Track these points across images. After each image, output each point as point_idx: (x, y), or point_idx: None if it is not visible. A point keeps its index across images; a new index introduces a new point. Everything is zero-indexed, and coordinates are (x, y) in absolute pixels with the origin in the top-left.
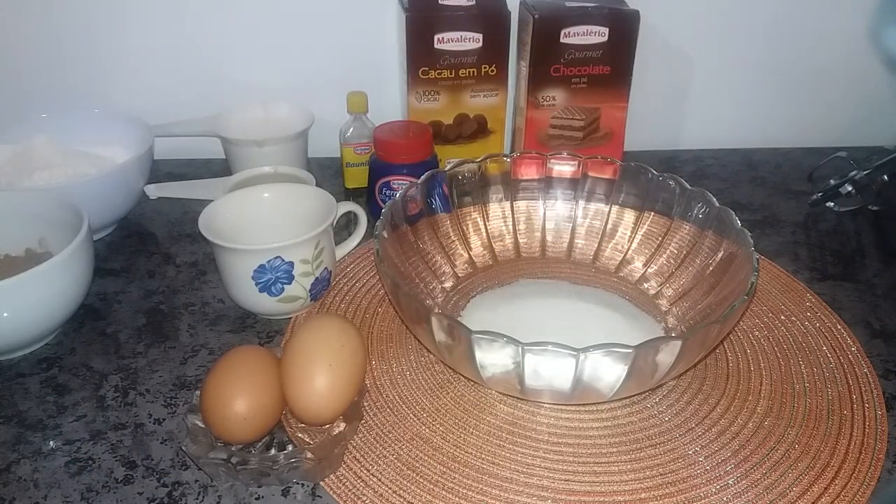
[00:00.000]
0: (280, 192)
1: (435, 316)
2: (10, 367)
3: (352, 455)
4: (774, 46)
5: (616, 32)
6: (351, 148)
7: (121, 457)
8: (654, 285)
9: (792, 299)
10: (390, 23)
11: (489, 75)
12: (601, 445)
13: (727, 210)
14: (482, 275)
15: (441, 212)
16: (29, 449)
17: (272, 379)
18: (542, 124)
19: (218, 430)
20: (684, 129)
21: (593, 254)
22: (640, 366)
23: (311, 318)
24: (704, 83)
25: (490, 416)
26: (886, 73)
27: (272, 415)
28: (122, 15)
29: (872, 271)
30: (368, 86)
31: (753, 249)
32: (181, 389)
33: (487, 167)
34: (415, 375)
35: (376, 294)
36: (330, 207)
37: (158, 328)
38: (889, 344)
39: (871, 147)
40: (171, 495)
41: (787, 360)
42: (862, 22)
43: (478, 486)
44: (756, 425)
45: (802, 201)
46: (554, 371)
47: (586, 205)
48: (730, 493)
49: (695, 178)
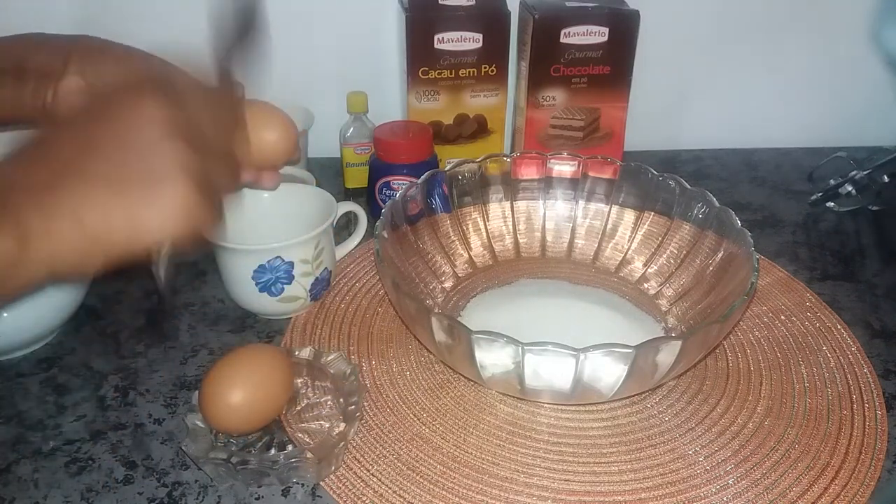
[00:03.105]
0: (280, 193)
1: (435, 316)
2: (10, 367)
3: (352, 455)
4: (774, 46)
5: (616, 32)
6: (351, 148)
7: (121, 457)
8: (654, 285)
9: (792, 299)
10: (390, 23)
11: (489, 75)
12: (601, 445)
13: (727, 210)
14: (482, 275)
15: (441, 212)
16: (29, 449)
17: (275, 373)
18: (542, 124)
19: (213, 418)
20: (684, 129)
21: (593, 254)
22: (640, 366)
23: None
24: (704, 83)
25: (490, 416)
26: (886, 73)
27: (271, 408)
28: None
29: (872, 271)
30: (368, 86)
31: (753, 249)
32: (181, 389)
33: (487, 167)
34: (415, 375)
35: (376, 294)
36: (330, 207)
37: (158, 328)
38: (889, 344)
39: (871, 147)
40: (171, 495)
41: (787, 360)
42: (862, 22)
43: (478, 486)
44: (756, 425)
45: (802, 201)
46: (554, 371)
47: (586, 205)
48: (730, 493)
49: (695, 178)
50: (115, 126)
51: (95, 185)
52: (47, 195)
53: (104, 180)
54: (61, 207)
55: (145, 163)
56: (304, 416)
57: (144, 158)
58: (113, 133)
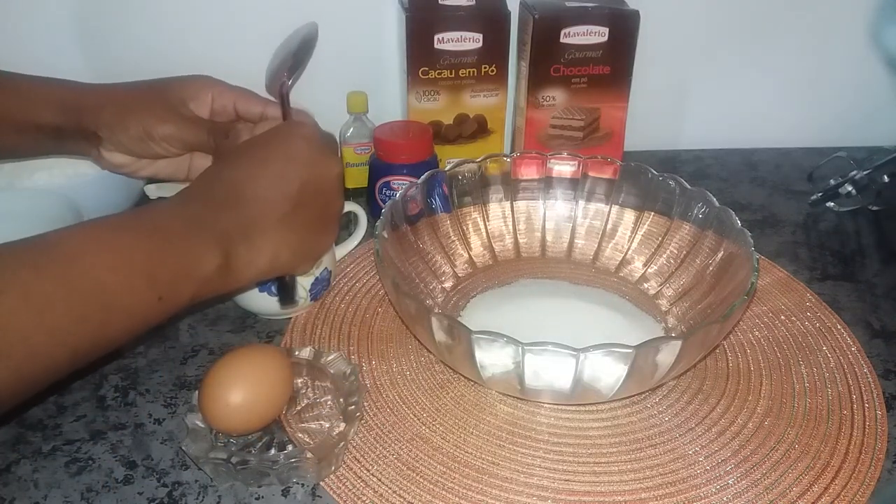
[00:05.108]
0: None
1: (435, 316)
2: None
3: (352, 455)
4: (774, 46)
5: (616, 32)
6: (351, 148)
7: (121, 457)
8: (654, 285)
9: (792, 299)
10: (390, 23)
11: (489, 75)
12: (601, 445)
13: (727, 210)
14: (482, 275)
15: (441, 212)
16: (29, 449)
17: (275, 373)
18: (542, 124)
19: (213, 418)
20: (684, 129)
21: (593, 254)
22: (640, 366)
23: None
24: (704, 83)
25: (490, 416)
26: (886, 73)
27: (271, 408)
28: (124, 16)
29: (872, 271)
30: (368, 86)
31: (753, 249)
32: (181, 389)
33: (487, 167)
34: (415, 375)
35: (376, 294)
36: None
37: (158, 328)
38: (889, 344)
39: (871, 147)
40: (171, 495)
41: (787, 360)
42: (862, 22)
43: (478, 486)
44: (756, 425)
45: (802, 201)
46: (554, 371)
47: (586, 205)
48: (730, 493)
49: (695, 178)
50: (306, 176)
51: (294, 231)
52: (257, 235)
53: (300, 227)
54: (266, 246)
55: (327, 214)
56: (304, 416)
57: (327, 211)
58: (305, 184)
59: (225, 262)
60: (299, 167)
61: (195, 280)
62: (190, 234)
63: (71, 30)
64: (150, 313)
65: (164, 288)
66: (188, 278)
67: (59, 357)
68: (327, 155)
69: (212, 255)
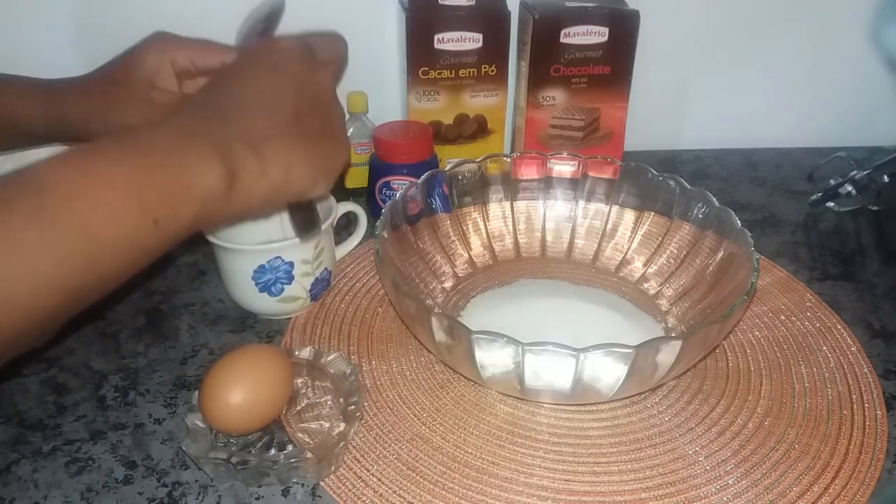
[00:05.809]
0: None
1: (435, 316)
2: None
3: (352, 455)
4: (774, 46)
5: (616, 32)
6: (351, 148)
7: (121, 457)
8: (654, 285)
9: (792, 299)
10: (390, 23)
11: (489, 75)
12: (601, 445)
13: (727, 210)
14: (482, 275)
15: (441, 212)
16: (29, 449)
17: (275, 373)
18: (542, 124)
19: (213, 418)
20: (684, 129)
21: (593, 254)
22: (640, 366)
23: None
24: (704, 83)
25: (490, 416)
26: (886, 73)
27: (271, 408)
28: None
29: (872, 271)
30: (368, 86)
31: (753, 249)
32: (181, 389)
33: (487, 167)
34: (415, 375)
35: (376, 294)
36: (330, 207)
37: (158, 328)
38: (889, 344)
39: (871, 147)
40: (171, 495)
41: (787, 360)
42: (862, 22)
43: (478, 486)
44: (756, 425)
45: (802, 201)
46: (554, 371)
47: (586, 205)
48: (730, 493)
49: (695, 178)
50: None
51: (302, 142)
52: (262, 143)
53: (307, 139)
54: (275, 155)
55: (331, 124)
56: (304, 416)
57: (331, 120)
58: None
59: (229, 173)
60: (289, 78)
61: (195, 197)
62: (182, 144)
63: (71, 29)
64: (147, 241)
65: (159, 209)
66: (186, 195)
67: (45, 303)
68: (314, 64)
69: (211, 166)
